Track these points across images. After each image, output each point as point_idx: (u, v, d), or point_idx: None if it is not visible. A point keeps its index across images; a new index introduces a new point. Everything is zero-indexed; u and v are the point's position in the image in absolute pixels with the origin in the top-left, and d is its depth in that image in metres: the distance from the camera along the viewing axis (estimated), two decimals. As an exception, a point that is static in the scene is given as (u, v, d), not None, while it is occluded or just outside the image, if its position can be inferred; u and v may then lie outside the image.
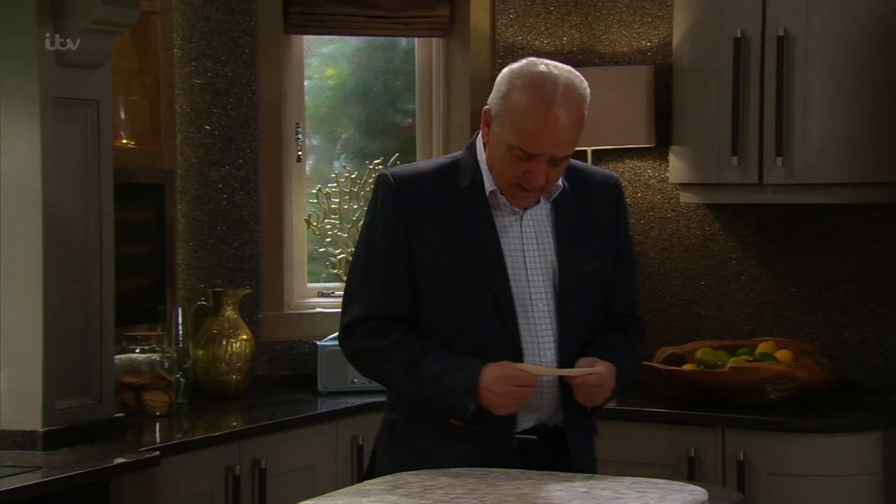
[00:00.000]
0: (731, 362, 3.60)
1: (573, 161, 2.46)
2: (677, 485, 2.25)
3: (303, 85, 4.11)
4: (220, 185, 3.86)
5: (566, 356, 2.40)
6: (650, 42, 4.08)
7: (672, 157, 3.95)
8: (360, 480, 3.46)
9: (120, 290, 3.15)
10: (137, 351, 3.45)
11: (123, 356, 3.40)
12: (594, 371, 2.35)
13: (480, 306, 2.36)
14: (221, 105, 3.88)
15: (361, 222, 4.13)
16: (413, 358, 2.36)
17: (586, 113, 2.37)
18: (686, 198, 3.94)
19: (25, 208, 2.93)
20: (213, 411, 3.50)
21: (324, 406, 3.64)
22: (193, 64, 3.83)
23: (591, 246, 2.44)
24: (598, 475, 2.36)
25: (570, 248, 2.41)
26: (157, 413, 3.37)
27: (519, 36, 4.13)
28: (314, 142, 4.24)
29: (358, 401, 3.63)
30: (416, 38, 4.19)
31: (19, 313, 2.93)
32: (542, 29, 4.15)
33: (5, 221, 2.94)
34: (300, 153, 4.06)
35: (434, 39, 4.17)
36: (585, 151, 3.93)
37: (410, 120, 4.28)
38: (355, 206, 4.09)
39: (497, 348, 2.36)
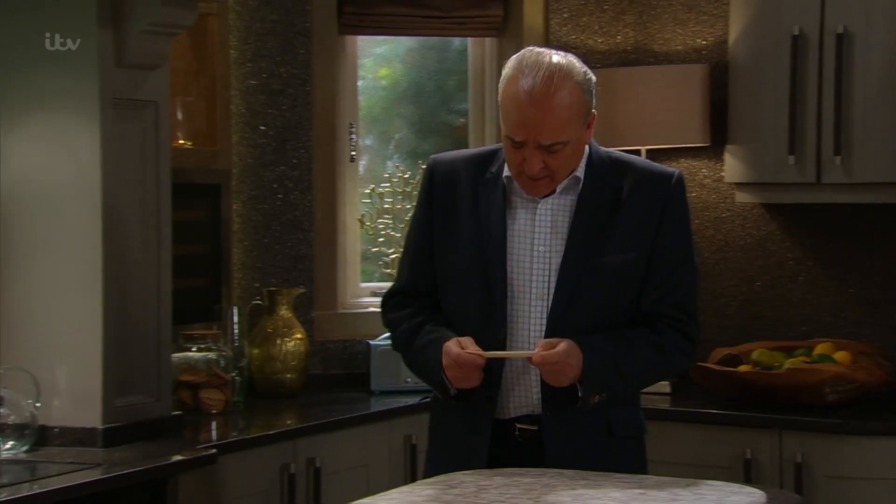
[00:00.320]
0: (789, 363, 3.56)
1: (623, 154, 2.45)
2: (735, 487, 2.23)
3: (356, 85, 4.13)
4: (275, 185, 3.88)
5: None
6: (705, 40, 4.05)
7: (727, 157, 3.92)
8: (413, 479, 3.47)
9: (177, 289, 3.18)
10: (194, 349, 3.49)
11: (180, 354, 3.43)
12: (534, 353, 2.30)
13: (476, 287, 2.39)
14: (276, 105, 3.90)
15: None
16: (411, 330, 2.44)
17: (588, 99, 2.32)
18: (742, 197, 3.90)
19: (85, 208, 2.97)
20: (268, 410, 3.52)
21: (377, 405, 3.65)
22: (249, 65, 3.86)
23: (615, 239, 2.38)
24: (653, 476, 2.34)
25: (583, 240, 2.37)
26: (214, 411, 3.40)
27: (572, 35, 4.11)
28: (367, 142, 4.25)
29: (411, 400, 3.64)
30: (469, 38, 4.19)
31: (80, 312, 2.97)
32: (596, 28, 4.13)
33: (66, 221, 2.98)
34: (353, 153, 4.08)
35: (487, 39, 4.17)
36: (639, 150, 3.91)
37: (463, 120, 4.28)
38: (408, 206, 4.10)
39: (483, 330, 2.37)
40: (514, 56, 2.36)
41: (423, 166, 2.52)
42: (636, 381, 2.44)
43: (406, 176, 4.12)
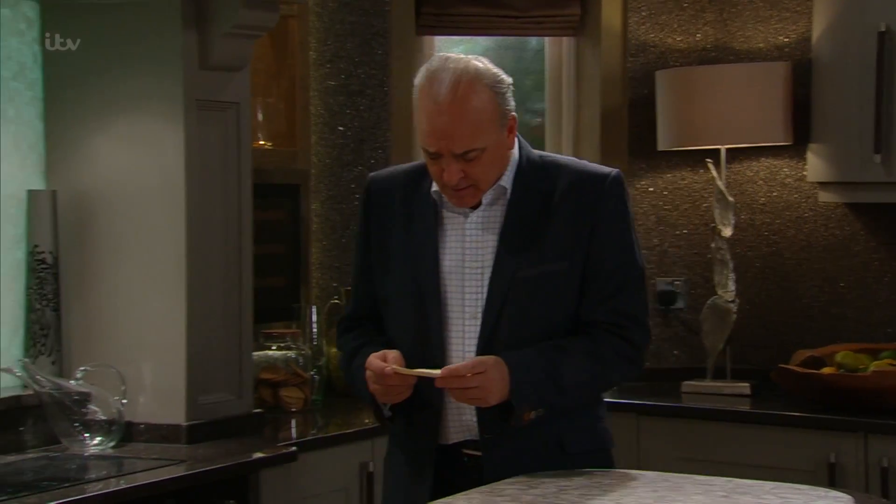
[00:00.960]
0: (874, 366, 3.49)
1: (558, 157, 2.36)
2: (821, 490, 2.19)
3: (434, 85, 4.13)
4: (353, 186, 3.91)
5: None
6: (788, 37, 3.99)
7: (810, 156, 3.85)
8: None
9: (257, 288, 3.22)
10: (274, 348, 3.53)
11: (260, 353, 3.47)
12: (436, 373, 2.15)
13: (410, 306, 2.28)
14: (354, 106, 3.93)
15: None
16: (352, 352, 2.36)
17: (501, 102, 2.21)
18: (825, 197, 3.83)
19: (170, 208, 3.02)
20: (346, 408, 3.54)
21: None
22: (328, 66, 3.90)
23: (545, 248, 2.25)
24: (736, 479, 2.31)
25: (511, 252, 2.25)
26: (293, 409, 3.43)
27: (651, 33, 4.08)
28: (444, 142, 4.26)
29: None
30: (546, 38, 4.17)
31: (164, 311, 3.02)
32: (675, 26, 4.09)
33: (151, 222, 3.03)
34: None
35: (565, 38, 4.15)
36: (719, 150, 3.86)
37: (540, 120, 4.27)
38: (485, 206, 4.10)
39: (422, 354, 2.26)
40: (424, 65, 2.26)
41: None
42: (575, 392, 2.27)
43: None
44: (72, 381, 2.93)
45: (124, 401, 2.96)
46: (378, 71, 3.94)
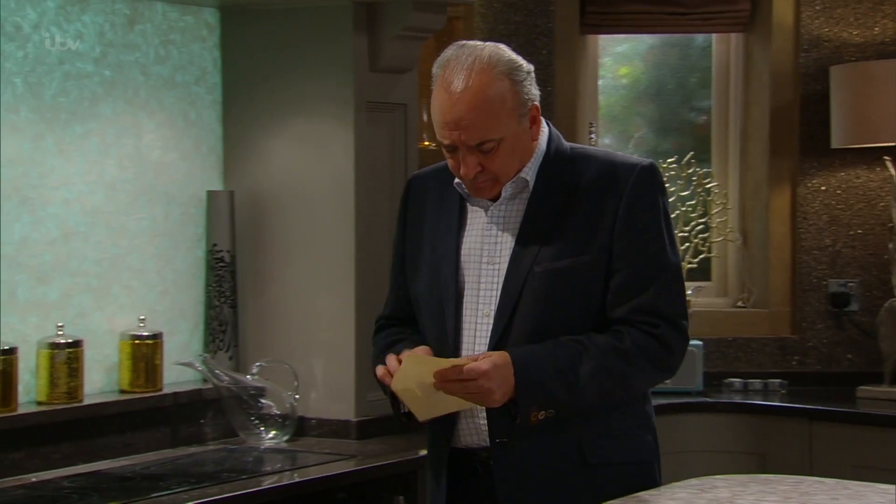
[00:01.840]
0: None
1: (590, 148, 2.21)
2: None
3: (597, 84, 4.12)
4: (516, 185, 3.91)
5: None
6: (972, 29, 3.82)
7: None
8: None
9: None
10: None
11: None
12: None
13: (433, 305, 2.15)
14: (518, 106, 3.93)
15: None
16: (381, 349, 2.22)
17: (519, 90, 2.06)
18: None
19: (340, 208, 3.08)
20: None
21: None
22: (492, 66, 3.91)
23: (566, 242, 2.09)
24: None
25: (527, 246, 2.10)
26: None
27: (825, 28, 3.96)
28: (607, 141, 4.23)
29: (652, 401, 3.59)
30: (713, 34, 4.10)
31: (334, 309, 3.09)
32: (851, 20, 3.96)
33: (321, 221, 3.10)
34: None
35: (733, 34, 4.07)
36: (895, 147, 3.72)
37: (705, 118, 4.20)
38: (649, 206, 4.06)
39: (441, 349, 2.12)
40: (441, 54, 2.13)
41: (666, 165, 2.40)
42: (591, 393, 2.06)
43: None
44: (248, 377, 3.02)
45: (297, 396, 3.03)
46: (541, 71, 3.92)
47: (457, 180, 2.14)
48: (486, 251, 2.14)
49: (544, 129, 2.16)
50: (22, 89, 2.79)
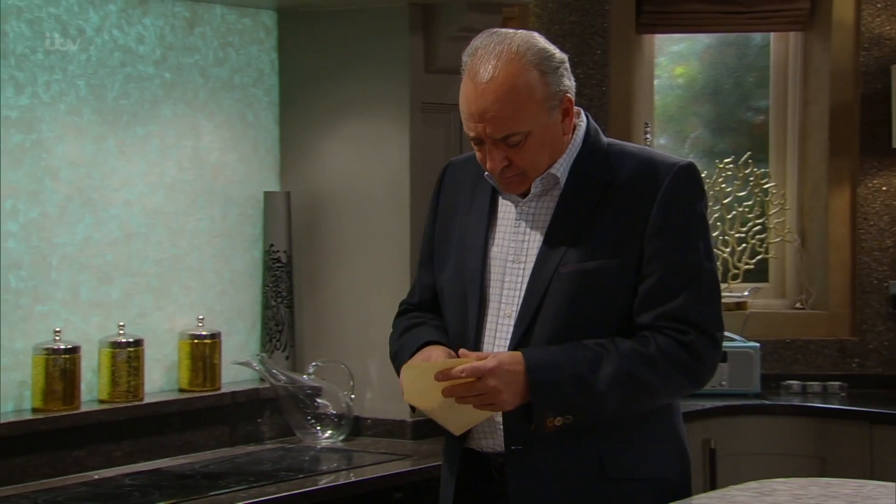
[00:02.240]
0: None
1: (628, 145, 2.09)
2: None
3: (652, 84, 4.09)
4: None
5: None
6: None
7: None
8: (713, 485, 3.40)
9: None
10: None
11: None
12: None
13: (456, 300, 2.06)
14: (573, 106, 3.92)
15: (710, 223, 4.08)
16: (402, 330, 2.14)
17: (550, 82, 1.96)
18: None
19: (395, 209, 3.09)
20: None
21: (674, 408, 3.59)
22: (546, 67, 3.90)
23: (594, 243, 1.98)
24: None
25: (555, 245, 1.99)
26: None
27: (887, 25, 3.90)
28: (662, 141, 4.21)
29: (708, 403, 3.57)
30: (771, 33, 4.06)
31: (389, 309, 3.04)
32: (913, 17, 3.91)
33: (376, 222, 3.12)
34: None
35: (791, 33, 4.03)
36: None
37: (762, 117, 4.16)
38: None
39: (462, 342, 2.03)
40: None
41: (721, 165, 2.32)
42: (613, 400, 1.94)
43: (702, 175, 4.03)
44: (304, 376, 3.04)
45: (352, 396, 3.05)
46: (596, 71, 3.92)
47: (487, 173, 2.04)
48: (513, 249, 2.04)
49: (581, 122, 2.07)
50: (85, 91, 2.84)
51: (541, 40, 2.02)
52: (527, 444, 1.96)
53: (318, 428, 3.01)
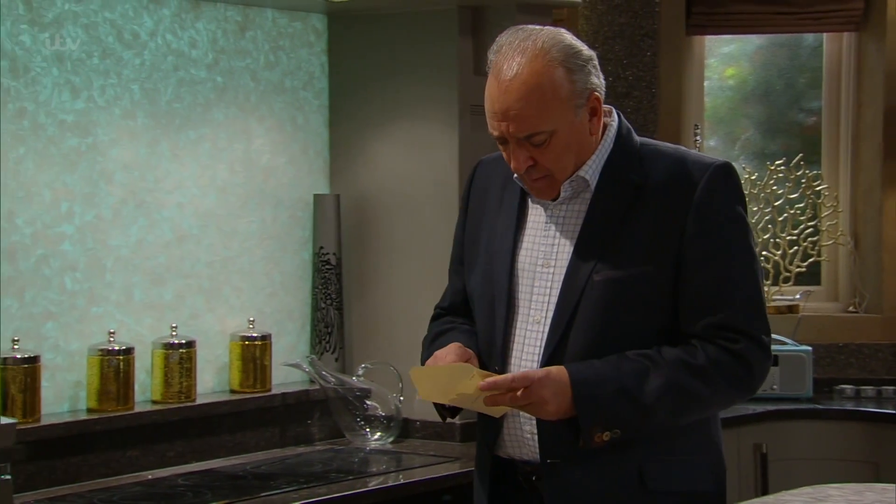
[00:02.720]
0: None
1: (663, 145, 2.01)
2: None
3: (702, 86, 4.07)
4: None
5: None
6: None
7: None
8: (764, 490, 3.37)
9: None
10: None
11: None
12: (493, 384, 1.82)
13: (485, 305, 2.01)
14: (622, 108, 3.86)
15: (761, 225, 4.06)
16: (433, 336, 2.11)
17: (575, 80, 1.89)
18: None
19: (444, 211, 3.09)
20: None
21: (723, 412, 3.55)
22: (595, 69, 3.89)
23: (628, 249, 1.92)
24: None
25: (587, 252, 1.93)
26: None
27: (944, 25, 3.86)
28: (712, 143, 4.18)
29: (759, 407, 3.54)
30: (824, 34, 4.02)
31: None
32: (971, 16, 3.85)
33: (426, 223, 3.12)
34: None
35: (845, 34, 3.99)
36: None
37: (815, 119, 4.12)
38: (754, 209, 3.99)
39: (488, 352, 1.99)
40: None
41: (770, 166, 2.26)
42: (662, 412, 1.88)
43: (753, 177, 4.00)
44: (353, 378, 3.05)
45: (401, 398, 3.05)
46: (646, 73, 3.90)
47: (515, 175, 1.98)
48: (542, 254, 1.98)
49: (613, 122, 2.00)
50: (139, 95, 2.87)
51: (567, 37, 1.96)
52: (564, 458, 1.92)
53: (368, 430, 3.02)
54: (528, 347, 1.96)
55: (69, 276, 2.75)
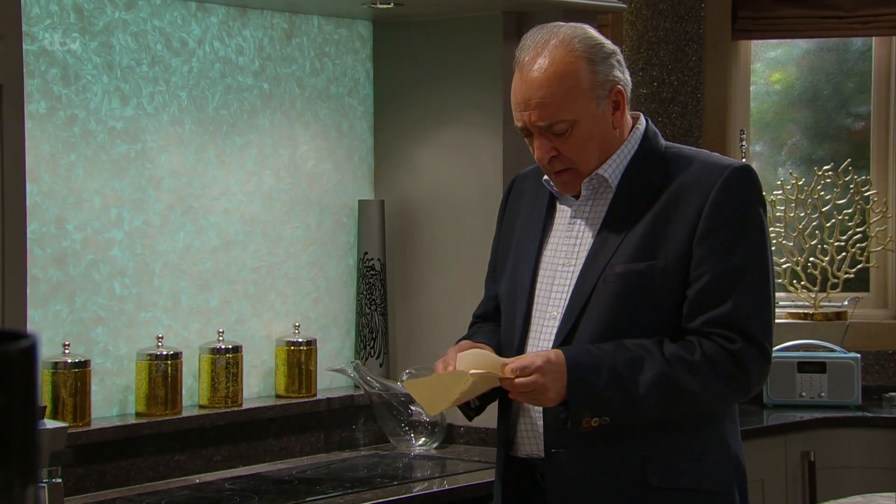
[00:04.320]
0: None
1: (688, 148, 2.05)
2: None
3: (748, 91, 4.04)
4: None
5: None
6: None
7: None
8: (812, 499, 3.33)
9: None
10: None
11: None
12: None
13: (508, 301, 2.07)
14: (666, 113, 3.89)
15: (808, 231, 4.02)
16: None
17: (596, 71, 1.95)
18: None
19: (489, 217, 3.05)
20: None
21: (771, 419, 3.54)
22: (640, 73, 3.88)
23: (640, 245, 1.94)
24: None
25: (603, 248, 1.97)
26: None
27: None
28: (758, 148, 4.14)
29: (807, 415, 3.50)
30: (873, 37, 3.97)
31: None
32: None
33: (469, 229, 3.12)
34: (744, 160, 3.98)
35: (894, 37, 3.94)
36: None
37: (863, 123, 4.07)
38: (801, 214, 3.95)
39: (508, 343, 2.04)
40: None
41: (817, 172, 2.29)
42: (652, 403, 1.90)
43: (800, 183, 3.97)
44: (398, 383, 3.06)
45: (446, 403, 3.05)
46: (691, 78, 3.88)
47: (545, 177, 2.04)
48: (564, 252, 2.03)
49: (640, 124, 2.04)
50: (187, 102, 2.90)
51: (590, 31, 2.02)
52: (567, 448, 1.94)
53: (412, 435, 3.02)
54: (542, 342, 1.99)
55: (118, 282, 2.78)
